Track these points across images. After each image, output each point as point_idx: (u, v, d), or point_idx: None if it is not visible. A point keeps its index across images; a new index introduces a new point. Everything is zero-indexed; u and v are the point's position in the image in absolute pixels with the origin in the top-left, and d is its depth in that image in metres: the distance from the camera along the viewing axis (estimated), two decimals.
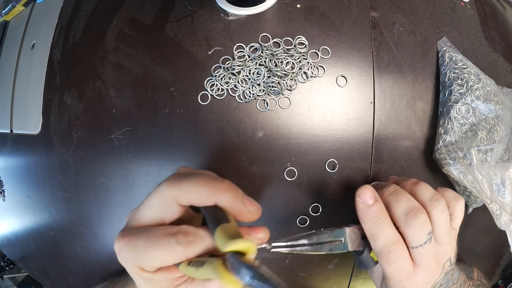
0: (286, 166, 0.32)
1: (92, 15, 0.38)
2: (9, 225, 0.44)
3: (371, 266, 0.27)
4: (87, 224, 0.36)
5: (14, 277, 0.76)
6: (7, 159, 0.42)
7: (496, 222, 0.33)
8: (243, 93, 0.32)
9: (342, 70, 0.33)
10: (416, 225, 0.24)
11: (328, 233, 0.26)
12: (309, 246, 0.25)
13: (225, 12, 0.34)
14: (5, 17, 0.46)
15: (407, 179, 0.29)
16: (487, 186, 0.32)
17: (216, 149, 0.32)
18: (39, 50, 0.40)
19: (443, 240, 0.26)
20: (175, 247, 0.20)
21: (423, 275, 0.26)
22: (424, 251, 0.25)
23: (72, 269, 0.39)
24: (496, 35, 0.41)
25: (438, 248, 0.26)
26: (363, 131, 0.33)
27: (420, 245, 0.25)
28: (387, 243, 0.25)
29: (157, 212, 0.22)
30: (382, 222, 0.25)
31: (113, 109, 0.34)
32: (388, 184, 0.28)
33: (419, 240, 0.25)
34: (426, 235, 0.25)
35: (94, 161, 0.34)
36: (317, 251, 0.25)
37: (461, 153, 0.33)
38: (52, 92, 0.37)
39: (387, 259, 0.25)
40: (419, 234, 0.25)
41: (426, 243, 0.25)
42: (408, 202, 0.26)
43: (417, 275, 0.26)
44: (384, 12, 0.35)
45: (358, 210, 0.26)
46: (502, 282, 0.46)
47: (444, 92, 0.35)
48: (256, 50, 0.33)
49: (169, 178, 0.23)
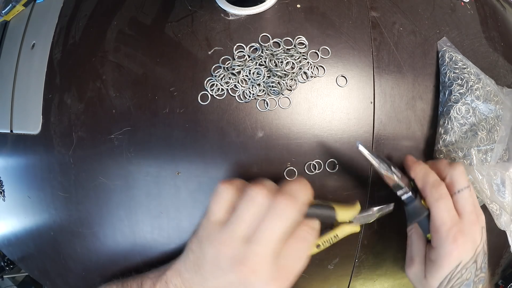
0: (286, 166, 0.32)
1: (92, 15, 0.38)
2: (9, 225, 0.44)
3: (423, 212, 0.29)
4: (87, 224, 0.36)
5: (14, 277, 0.76)
6: (7, 159, 0.42)
7: (496, 222, 0.33)
8: (243, 93, 0.32)
9: (342, 70, 0.33)
10: (461, 168, 0.29)
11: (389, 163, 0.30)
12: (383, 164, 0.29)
13: (225, 12, 0.34)
14: (5, 17, 0.46)
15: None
16: (487, 186, 0.32)
17: (216, 149, 0.32)
18: (39, 50, 0.40)
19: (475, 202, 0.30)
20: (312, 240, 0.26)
21: (468, 227, 0.28)
22: (466, 195, 0.28)
23: (72, 269, 0.39)
24: (496, 35, 0.41)
25: (475, 206, 0.29)
26: (363, 131, 0.33)
27: (465, 187, 0.28)
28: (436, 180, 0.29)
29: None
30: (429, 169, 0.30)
31: (113, 109, 0.34)
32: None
33: (462, 183, 0.29)
34: (468, 180, 0.29)
35: (94, 161, 0.34)
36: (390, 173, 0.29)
37: (461, 153, 0.33)
38: (52, 92, 0.37)
39: (439, 193, 0.28)
40: (461, 177, 0.29)
41: (467, 188, 0.29)
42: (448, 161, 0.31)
43: (464, 224, 0.28)
44: (384, 12, 0.35)
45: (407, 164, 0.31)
46: (502, 282, 0.46)
47: (444, 92, 0.35)
48: (256, 50, 0.33)
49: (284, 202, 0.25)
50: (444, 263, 0.28)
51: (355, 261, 0.35)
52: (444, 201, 0.28)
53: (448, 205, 0.28)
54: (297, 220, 0.25)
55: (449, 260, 0.28)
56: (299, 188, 0.26)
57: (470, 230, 0.28)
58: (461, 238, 0.27)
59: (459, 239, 0.27)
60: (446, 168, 0.30)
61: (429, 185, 0.29)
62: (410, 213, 0.30)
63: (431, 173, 0.29)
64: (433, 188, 0.28)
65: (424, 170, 0.30)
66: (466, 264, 0.28)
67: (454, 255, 0.27)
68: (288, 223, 0.24)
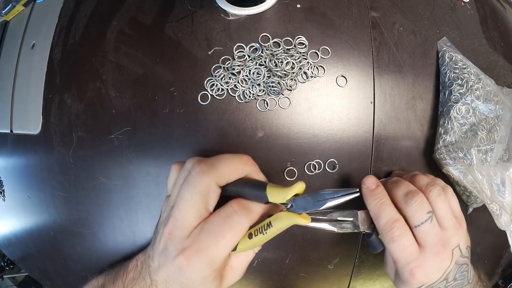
0: (286, 166, 0.32)
1: (92, 15, 0.38)
2: (9, 225, 0.44)
3: (379, 248, 0.29)
4: (87, 224, 0.36)
5: (14, 277, 0.76)
6: (7, 159, 0.42)
7: (496, 222, 0.33)
8: (243, 93, 0.32)
9: (342, 70, 0.33)
10: (415, 204, 0.27)
11: (340, 212, 0.29)
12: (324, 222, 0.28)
13: (225, 12, 0.34)
14: (5, 17, 0.46)
15: (407, 172, 0.32)
16: (487, 186, 0.32)
17: (216, 149, 0.32)
18: (39, 50, 0.40)
19: (446, 224, 0.28)
20: (240, 220, 0.23)
21: (430, 259, 0.27)
22: (426, 229, 0.27)
23: (72, 269, 0.39)
24: (496, 35, 0.41)
25: (442, 232, 0.27)
26: (363, 131, 0.33)
27: (422, 223, 0.27)
28: (389, 221, 0.27)
29: (201, 207, 0.24)
30: (384, 203, 0.28)
31: (113, 109, 0.34)
32: (391, 177, 0.31)
33: (419, 218, 0.27)
34: (426, 213, 0.27)
35: (94, 161, 0.34)
36: (331, 228, 0.28)
37: (461, 153, 0.33)
38: (52, 92, 0.37)
39: (390, 236, 0.26)
40: (418, 212, 0.27)
41: (427, 222, 0.27)
42: (407, 187, 0.29)
43: (424, 258, 0.27)
44: (384, 12, 0.35)
45: (363, 195, 0.29)
46: (502, 282, 0.46)
47: (444, 92, 0.35)
48: (256, 50, 0.33)
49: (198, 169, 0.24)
50: (406, 285, 0.28)
51: (355, 261, 0.35)
52: (396, 244, 0.26)
53: (402, 245, 0.26)
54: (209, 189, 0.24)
55: (409, 286, 0.28)
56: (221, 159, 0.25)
57: (433, 261, 0.27)
58: (419, 272, 0.26)
59: (416, 274, 0.26)
60: (402, 200, 0.28)
61: (381, 226, 0.27)
62: (370, 245, 0.30)
63: (384, 212, 0.27)
64: (384, 230, 0.27)
65: (377, 208, 0.28)
66: (431, 284, 0.27)
67: (413, 283, 0.27)
68: (197, 190, 0.23)
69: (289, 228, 0.33)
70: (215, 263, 0.23)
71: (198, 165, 0.24)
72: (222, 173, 0.24)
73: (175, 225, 0.24)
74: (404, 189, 0.28)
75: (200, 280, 0.24)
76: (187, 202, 0.24)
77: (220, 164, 0.24)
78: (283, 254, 0.34)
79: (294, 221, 0.23)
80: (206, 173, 0.24)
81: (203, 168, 0.24)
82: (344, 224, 0.28)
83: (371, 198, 0.28)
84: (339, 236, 0.34)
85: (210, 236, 0.23)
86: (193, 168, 0.24)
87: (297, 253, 0.34)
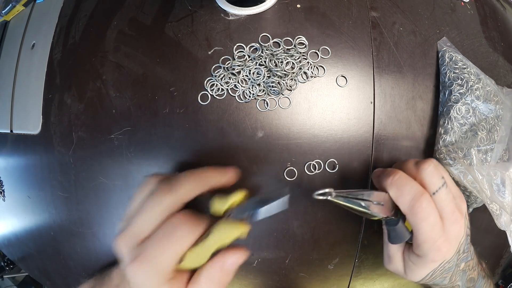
0: (286, 166, 0.32)
1: (92, 15, 0.38)
2: (9, 225, 0.44)
3: (406, 236, 0.27)
4: (87, 224, 0.36)
5: (14, 277, 0.76)
6: (7, 159, 0.42)
7: (496, 222, 0.33)
8: (243, 93, 0.32)
9: (342, 70, 0.33)
10: (430, 167, 0.26)
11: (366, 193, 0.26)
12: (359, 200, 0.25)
13: (225, 12, 0.34)
14: (5, 17, 0.46)
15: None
16: (487, 186, 0.32)
17: (216, 149, 0.32)
18: (39, 50, 0.40)
19: (454, 191, 0.27)
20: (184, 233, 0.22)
21: (452, 229, 0.26)
22: (443, 195, 0.26)
23: (72, 269, 0.39)
24: (496, 35, 0.41)
25: (455, 199, 0.27)
26: (363, 131, 0.33)
27: (439, 188, 0.26)
28: (415, 194, 0.25)
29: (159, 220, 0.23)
30: (401, 177, 0.26)
31: (113, 109, 0.34)
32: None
33: (437, 183, 0.26)
34: (441, 178, 0.26)
35: (94, 161, 0.34)
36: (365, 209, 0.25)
37: (461, 153, 0.33)
38: (52, 92, 0.37)
39: (420, 211, 0.25)
40: (434, 176, 0.26)
41: (444, 186, 0.26)
42: (414, 160, 0.28)
43: (447, 228, 0.26)
44: (384, 12, 0.35)
45: (376, 179, 0.28)
46: (502, 282, 0.46)
47: (444, 92, 0.35)
48: (256, 50, 0.33)
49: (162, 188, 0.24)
50: (427, 266, 0.27)
51: (355, 261, 0.35)
52: (426, 222, 0.25)
53: (432, 222, 0.25)
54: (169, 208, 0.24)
55: (432, 265, 0.27)
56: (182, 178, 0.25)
57: (453, 231, 0.26)
58: (445, 247, 0.26)
59: (443, 248, 0.26)
60: (413, 169, 0.27)
61: (406, 205, 0.25)
62: (393, 235, 0.28)
63: (405, 187, 0.26)
64: (412, 208, 0.25)
65: (396, 185, 0.26)
66: (449, 259, 0.27)
67: (437, 260, 0.27)
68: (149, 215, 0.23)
69: (289, 228, 0.33)
70: (163, 273, 0.23)
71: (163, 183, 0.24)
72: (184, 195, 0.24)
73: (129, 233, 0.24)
74: (412, 161, 0.28)
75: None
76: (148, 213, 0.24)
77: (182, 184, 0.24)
78: (283, 254, 0.34)
79: (229, 231, 0.23)
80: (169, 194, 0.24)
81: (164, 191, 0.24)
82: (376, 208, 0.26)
83: (385, 178, 0.26)
84: (339, 236, 0.34)
85: (156, 247, 0.22)
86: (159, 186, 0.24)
87: (297, 253, 0.33)
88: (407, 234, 0.27)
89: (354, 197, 0.25)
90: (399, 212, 0.27)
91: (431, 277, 0.28)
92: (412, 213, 0.25)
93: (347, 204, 0.25)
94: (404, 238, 0.27)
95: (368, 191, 0.26)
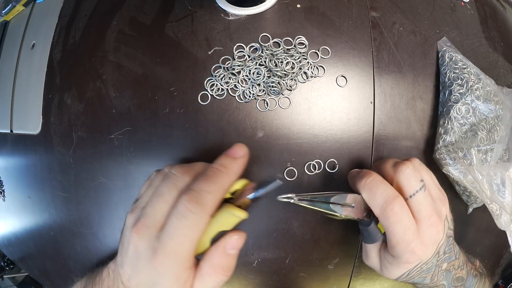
0: (286, 166, 0.32)
1: (92, 15, 0.38)
2: (9, 225, 0.44)
3: (378, 238, 0.27)
4: (87, 224, 0.36)
5: (14, 277, 0.75)
6: (7, 159, 0.42)
7: (496, 222, 0.33)
8: (243, 93, 0.32)
9: (342, 70, 0.33)
10: (407, 170, 0.25)
11: (337, 195, 0.26)
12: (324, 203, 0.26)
13: (225, 12, 0.34)
14: (5, 17, 0.46)
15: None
16: (487, 186, 0.32)
17: (216, 149, 0.32)
18: (39, 50, 0.40)
19: (433, 193, 0.27)
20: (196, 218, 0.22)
21: (427, 232, 0.26)
22: (421, 198, 0.25)
23: (72, 269, 0.39)
24: (496, 35, 0.41)
25: (434, 202, 0.26)
26: (363, 131, 0.33)
27: (416, 191, 0.25)
28: (387, 198, 0.25)
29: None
30: (375, 179, 0.26)
31: (113, 109, 0.34)
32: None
33: (414, 186, 0.25)
34: (419, 181, 0.25)
35: (94, 161, 0.34)
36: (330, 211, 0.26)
37: (461, 153, 0.33)
38: (52, 92, 0.37)
39: (391, 215, 0.24)
40: (411, 179, 0.25)
41: (421, 190, 0.25)
42: (393, 160, 0.28)
43: (422, 231, 0.25)
44: (384, 12, 0.35)
45: (351, 179, 0.28)
46: (502, 282, 0.46)
47: (444, 92, 0.35)
48: (256, 50, 0.33)
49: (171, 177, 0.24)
50: (402, 267, 0.27)
51: (355, 261, 0.35)
52: (398, 225, 0.25)
53: (405, 225, 0.25)
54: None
55: (407, 265, 0.26)
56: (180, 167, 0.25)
57: (429, 234, 0.26)
58: (420, 249, 0.25)
59: (417, 251, 0.25)
60: (391, 171, 0.26)
61: (378, 207, 0.25)
62: (366, 235, 0.28)
63: (378, 189, 0.25)
64: (384, 210, 0.25)
65: (369, 186, 0.26)
66: (427, 260, 0.27)
67: (412, 262, 0.26)
68: (163, 199, 0.23)
69: (289, 228, 0.33)
70: (185, 262, 0.23)
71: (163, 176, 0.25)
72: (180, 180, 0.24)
73: (145, 224, 0.23)
74: (391, 161, 0.27)
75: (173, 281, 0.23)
76: (162, 198, 0.24)
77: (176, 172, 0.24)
78: (283, 254, 0.34)
79: (228, 212, 0.24)
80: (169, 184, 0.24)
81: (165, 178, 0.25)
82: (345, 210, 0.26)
83: (359, 180, 0.26)
84: (339, 236, 0.34)
85: (173, 240, 0.22)
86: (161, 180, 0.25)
87: (297, 253, 0.34)
88: (379, 235, 0.27)
89: (320, 200, 0.25)
90: (372, 213, 0.26)
91: (408, 277, 0.27)
92: (384, 217, 0.25)
93: (311, 207, 0.25)
94: (377, 239, 0.27)
95: (341, 193, 0.26)
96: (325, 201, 0.26)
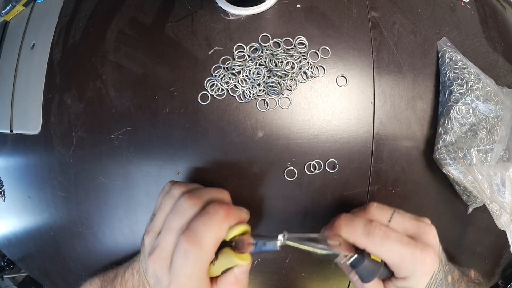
0: (286, 166, 0.32)
1: (92, 15, 0.38)
2: (9, 225, 0.44)
3: (378, 269, 0.26)
4: (87, 224, 0.36)
5: (14, 277, 0.75)
6: (7, 159, 0.42)
7: (496, 222, 0.33)
8: (243, 93, 0.32)
9: (342, 70, 0.33)
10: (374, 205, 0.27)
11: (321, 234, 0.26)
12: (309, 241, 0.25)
13: (225, 12, 0.34)
14: (5, 17, 0.46)
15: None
16: (487, 186, 0.32)
17: (216, 149, 0.32)
18: (39, 50, 0.40)
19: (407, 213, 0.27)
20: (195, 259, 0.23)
21: (425, 237, 0.25)
22: (400, 218, 0.26)
23: (72, 269, 0.39)
24: (496, 35, 0.41)
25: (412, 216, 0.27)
26: (363, 131, 0.33)
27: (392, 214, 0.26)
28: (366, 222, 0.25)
29: None
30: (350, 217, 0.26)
31: (113, 109, 0.34)
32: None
33: (387, 213, 0.26)
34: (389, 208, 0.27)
35: (94, 161, 0.34)
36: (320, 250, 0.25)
37: (461, 153, 0.33)
38: (52, 92, 0.37)
39: (377, 232, 0.24)
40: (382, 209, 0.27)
41: (395, 212, 0.26)
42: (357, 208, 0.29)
43: (419, 238, 0.25)
44: (384, 12, 0.35)
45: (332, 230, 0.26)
46: (502, 282, 0.46)
47: (444, 92, 0.35)
48: (256, 50, 0.33)
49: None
50: (419, 283, 0.25)
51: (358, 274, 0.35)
52: (389, 241, 0.24)
53: (397, 239, 0.24)
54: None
55: (424, 279, 0.25)
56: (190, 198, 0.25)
57: (427, 238, 0.25)
58: (429, 255, 0.24)
59: (427, 258, 0.24)
60: (360, 213, 0.27)
61: (359, 235, 0.25)
62: (364, 274, 0.26)
63: (353, 222, 0.25)
64: (367, 235, 0.24)
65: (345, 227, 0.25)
66: (438, 269, 0.26)
67: (427, 271, 0.25)
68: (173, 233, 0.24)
69: (289, 228, 0.33)
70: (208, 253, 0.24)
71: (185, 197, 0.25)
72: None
73: (159, 256, 0.24)
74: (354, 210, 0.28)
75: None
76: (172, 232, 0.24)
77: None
78: (283, 254, 0.34)
79: (231, 259, 0.24)
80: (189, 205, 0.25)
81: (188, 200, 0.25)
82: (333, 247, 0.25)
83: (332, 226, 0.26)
84: None
85: (182, 275, 0.23)
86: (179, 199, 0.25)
87: (297, 253, 0.34)
88: (378, 266, 0.26)
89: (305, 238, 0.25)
90: (360, 250, 0.26)
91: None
92: (372, 241, 0.24)
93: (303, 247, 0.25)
94: (377, 271, 0.26)
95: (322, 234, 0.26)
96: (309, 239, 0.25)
